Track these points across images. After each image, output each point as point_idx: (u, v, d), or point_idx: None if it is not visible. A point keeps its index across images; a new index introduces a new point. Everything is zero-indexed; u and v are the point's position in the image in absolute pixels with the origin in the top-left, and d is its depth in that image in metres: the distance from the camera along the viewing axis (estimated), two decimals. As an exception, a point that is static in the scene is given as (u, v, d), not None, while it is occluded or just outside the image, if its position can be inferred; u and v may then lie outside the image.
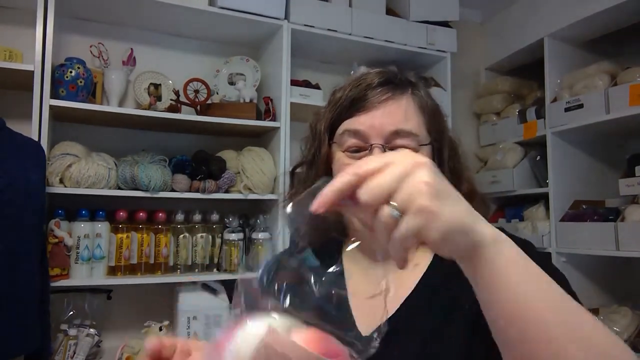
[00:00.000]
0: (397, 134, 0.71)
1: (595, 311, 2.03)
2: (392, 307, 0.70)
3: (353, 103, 0.74)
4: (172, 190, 1.92)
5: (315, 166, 0.79)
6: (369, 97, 0.73)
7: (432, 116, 0.76)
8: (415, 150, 0.71)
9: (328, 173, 0.77)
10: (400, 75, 0.77)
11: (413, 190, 0.42)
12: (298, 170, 0.85)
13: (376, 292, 0.73)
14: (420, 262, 0.74)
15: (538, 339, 0.44)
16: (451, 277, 0.68)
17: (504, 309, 0.46)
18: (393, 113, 0.72)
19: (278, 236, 2.07)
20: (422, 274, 0.73)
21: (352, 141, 0.73)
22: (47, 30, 1.74)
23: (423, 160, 0.44)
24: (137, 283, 1.87)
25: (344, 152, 0.74)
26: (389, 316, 0.68)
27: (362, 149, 0.72)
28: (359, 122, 0.72)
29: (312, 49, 2.38)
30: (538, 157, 2.45)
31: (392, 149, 0.71)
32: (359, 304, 0.72)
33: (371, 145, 0.71)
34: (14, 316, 1.43)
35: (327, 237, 0.74)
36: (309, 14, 2.19)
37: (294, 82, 2.23)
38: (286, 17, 2.15)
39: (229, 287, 2.00)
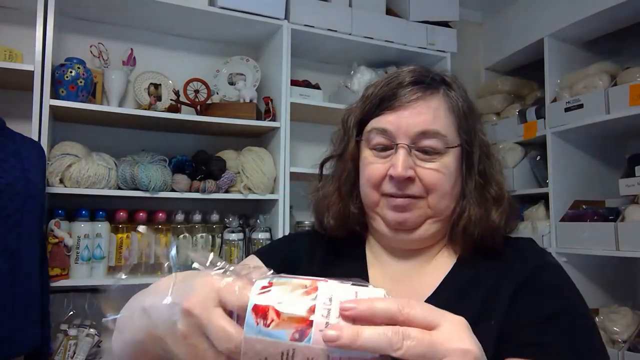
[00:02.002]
0: (424, 134, 0.70)
1: (595, 311, 2.03)
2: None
3: (382, 101, 0.73)
4: (172, 190, 1.92)
5: (343, 161, 0.79)
6: (398, 95, 0.72)
7: (464, 117, 0.74)
8: (442, 152, 0.70)
9: (355, 169, 0.78)
10: (434, 74, 0.75)
11: None
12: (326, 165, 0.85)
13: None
14: (443, 265, 0.74)
15: None
16: (476, 286, 0.69)
17: None
18: (422, 113, 0.70)
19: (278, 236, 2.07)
20: (444, 277, 0.72)
21: (379, 139, 0.72)
22: (47, 30, 1.73)
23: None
24: (137, 283, 1.86)
25: (371, 149, 0.74)
26: None
27: (388, 148, 0.72)
28: (387, 120, 0.72)
29: (312, 49, 2.38)
30: (538, 157, 2.45)
31: (419, 149, 0.70)
32: None
33: (397, 144, 0.70)
34: (14, 316, 1.43)
35: (351, 231, 0.78)
36: (309, 14, 2.19)
37: (294, 82, 2.23)
38: (286, 17, 2.15)
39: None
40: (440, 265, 0.74)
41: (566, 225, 2.15)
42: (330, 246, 0.81)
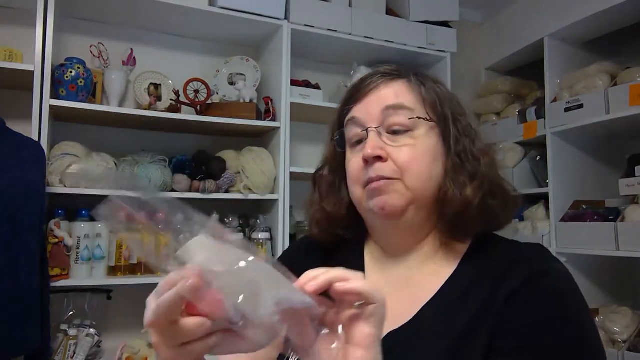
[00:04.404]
0: (388, 109, 0.71)
1: (595, 311, 2.03)
2: (413, 309, 0.68)
3: (351, 96, 0.77)
4: (172, 190, 1.92)
5: (329, 167, 0.82)
6: (363, 86, 0.75)
7: (433, 97, 0.73)
8: (411, 128, 0.70)
9: (342, 171, 0.79)
10: (405, 68, 0.77)
11: None
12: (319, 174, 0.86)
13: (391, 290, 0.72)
14: (442, 268, 0.72)
15: None
16: (476, 292, 0.66)
17: None
18: (383, 95, 0.73)
19: (278, 236, 2.07)
20: (444, 282, 0.70)
21: (353, 131, 0.75)
22: (47, 30, 1.74)
23: None
24: (137, 283, 1.87)
25: (351, 148, 0.76)
26: (409, 319, 0.67)
27: (362, 139, 0.73)
28: (356, 110, 0.75)
29: (312, 49, 2.38)
30: (538, 157, 2.45)
31: (389, 132, 0.71)
32: None
33: (367, 129, 0.71)
34: (14, 316, 1.43)
35: (349, 236, 0.79)
36: (309, 14, 2.19)
37: (294, 82, 2.23)
38: (286, 17, 2.15)
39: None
40: (439, 269, 0.72)
41: (566, 225, 2.15)
42: (326, 253, 0.80)
